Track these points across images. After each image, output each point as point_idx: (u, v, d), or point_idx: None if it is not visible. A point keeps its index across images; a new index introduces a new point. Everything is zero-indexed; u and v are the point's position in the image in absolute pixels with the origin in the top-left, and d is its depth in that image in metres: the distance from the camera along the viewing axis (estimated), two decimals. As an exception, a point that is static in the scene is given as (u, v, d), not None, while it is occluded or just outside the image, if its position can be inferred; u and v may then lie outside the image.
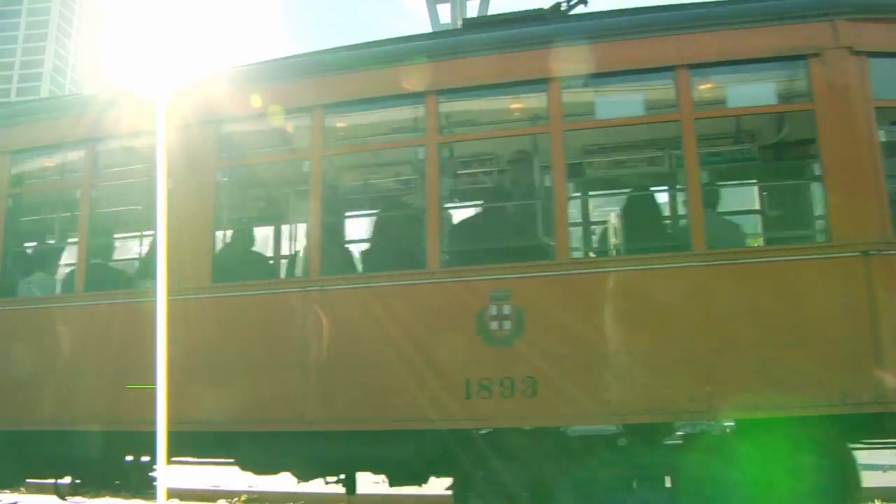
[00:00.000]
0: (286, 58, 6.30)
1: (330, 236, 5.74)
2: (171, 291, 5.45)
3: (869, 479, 10.34)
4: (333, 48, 6.31)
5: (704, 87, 5.47)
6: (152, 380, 5.20)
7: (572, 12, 6.12)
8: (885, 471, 11.66)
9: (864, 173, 4.86)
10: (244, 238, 6.61)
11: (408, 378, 5.18)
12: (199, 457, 6.29)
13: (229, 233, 6.48)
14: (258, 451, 5.59)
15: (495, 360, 5.06)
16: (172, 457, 5.78)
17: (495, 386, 5.01)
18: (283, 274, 6.66)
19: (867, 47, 5.03)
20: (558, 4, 6.26)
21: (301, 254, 6.03)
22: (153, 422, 5.15)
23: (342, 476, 5.81)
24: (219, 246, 6.19)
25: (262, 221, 7.50)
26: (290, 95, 5.83)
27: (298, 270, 6.00)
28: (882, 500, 8.20)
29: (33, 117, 6.63)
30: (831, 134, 4.95)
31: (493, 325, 5.07)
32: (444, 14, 26.22)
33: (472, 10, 25.74)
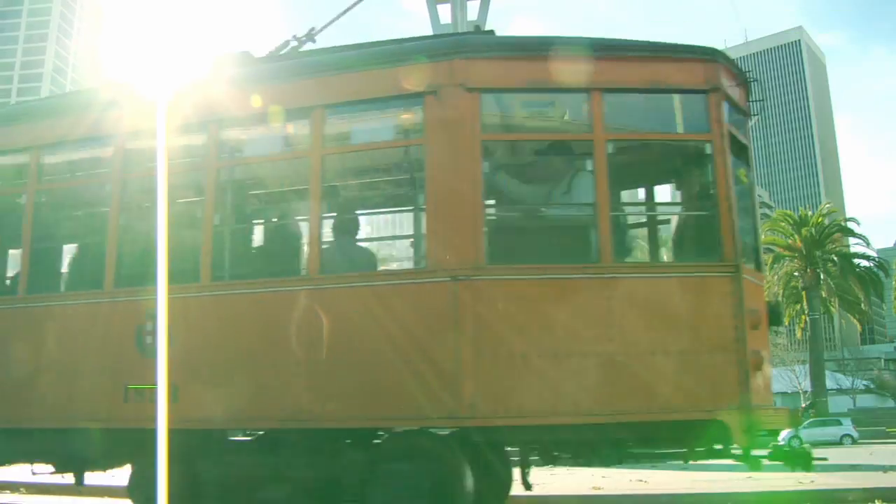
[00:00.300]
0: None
1: (39, 259, 6.43)
2: None
3: (869, 480, 10.43)
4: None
5: (336, 125, 5.82)
6: None
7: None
8: (885, 471, 11.71)
9: (463, 204, 5.11)
10: None
11: (94, 384, 5.83)
12: None
13: None
14: None
15: (148, 369, 5.54)
16: None
17: (147, 392, 5.57)
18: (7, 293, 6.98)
19: (480, 84, 5.24)
20: (287, 42, 6.88)
21: (17, 275, 6.60)
22: None
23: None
24: None
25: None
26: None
27: (14, 290, 6.59)
28: (882, 500, 8.19)
29: None
30: (437, 167, 5.24)
31: (148, 339, 5.67)
32: (445, 14, 26.22)
33: (473, 11, 25.72)
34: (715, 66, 5.38)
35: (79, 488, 7.16)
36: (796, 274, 41.32)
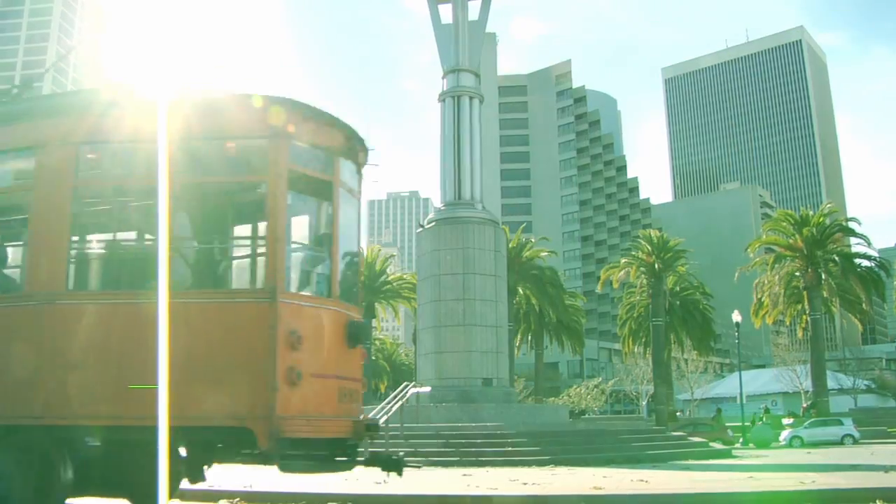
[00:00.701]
0: None
1: None
2: None
3: (869, 480, 10.43)
4: None
5: None
6: None
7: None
8: (886, 471, 11.72)
9: (51, 239, 6.08)
10: None
11: None
12: None
13: None
14: None
15: None
16: None
17: None
18: None
19: (78, 139, 6.17)
20: (10, 89, 7.62)
21: None
22: None
23: None
24: None
25: None
26: None
27: None
28: (883, 500, 8.21)
29: None
30: (37, 208, 6.24)
31: None
32: (446, 14, 26.21)
33: (474, 11, 25.72)
34: (279, 113, 5.94)
35: None
36: (797, 274, 41.28)
